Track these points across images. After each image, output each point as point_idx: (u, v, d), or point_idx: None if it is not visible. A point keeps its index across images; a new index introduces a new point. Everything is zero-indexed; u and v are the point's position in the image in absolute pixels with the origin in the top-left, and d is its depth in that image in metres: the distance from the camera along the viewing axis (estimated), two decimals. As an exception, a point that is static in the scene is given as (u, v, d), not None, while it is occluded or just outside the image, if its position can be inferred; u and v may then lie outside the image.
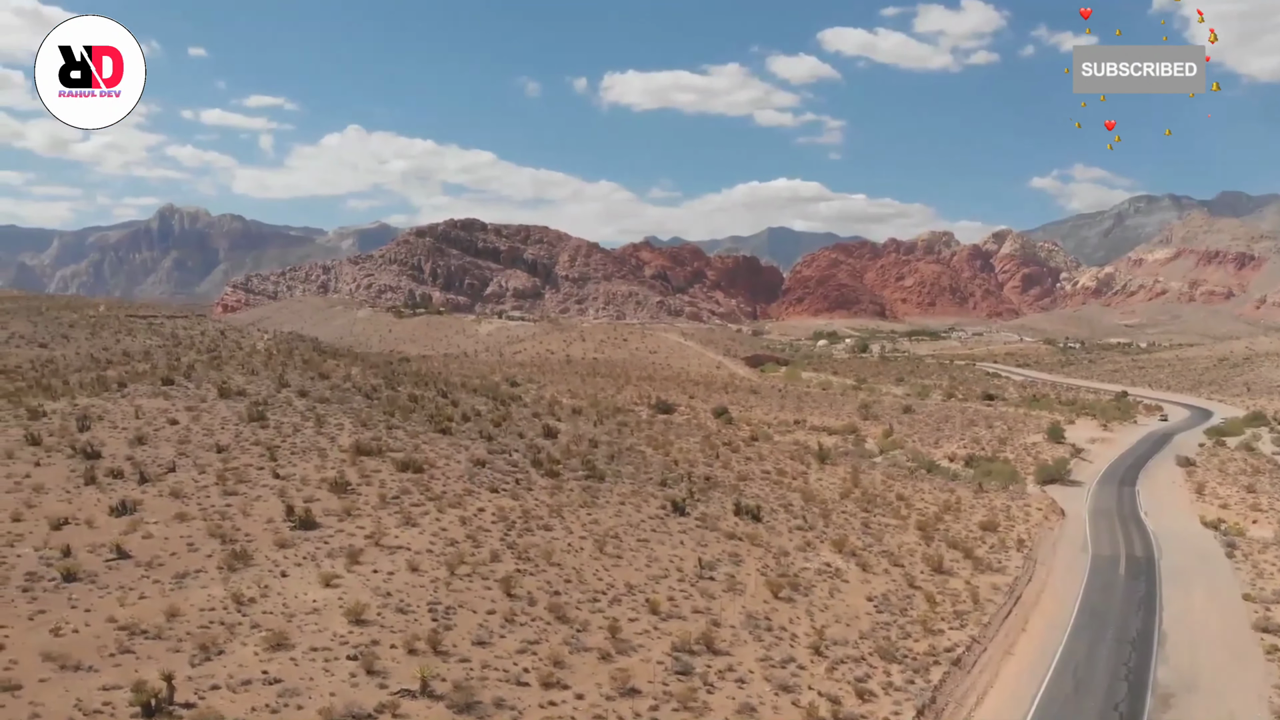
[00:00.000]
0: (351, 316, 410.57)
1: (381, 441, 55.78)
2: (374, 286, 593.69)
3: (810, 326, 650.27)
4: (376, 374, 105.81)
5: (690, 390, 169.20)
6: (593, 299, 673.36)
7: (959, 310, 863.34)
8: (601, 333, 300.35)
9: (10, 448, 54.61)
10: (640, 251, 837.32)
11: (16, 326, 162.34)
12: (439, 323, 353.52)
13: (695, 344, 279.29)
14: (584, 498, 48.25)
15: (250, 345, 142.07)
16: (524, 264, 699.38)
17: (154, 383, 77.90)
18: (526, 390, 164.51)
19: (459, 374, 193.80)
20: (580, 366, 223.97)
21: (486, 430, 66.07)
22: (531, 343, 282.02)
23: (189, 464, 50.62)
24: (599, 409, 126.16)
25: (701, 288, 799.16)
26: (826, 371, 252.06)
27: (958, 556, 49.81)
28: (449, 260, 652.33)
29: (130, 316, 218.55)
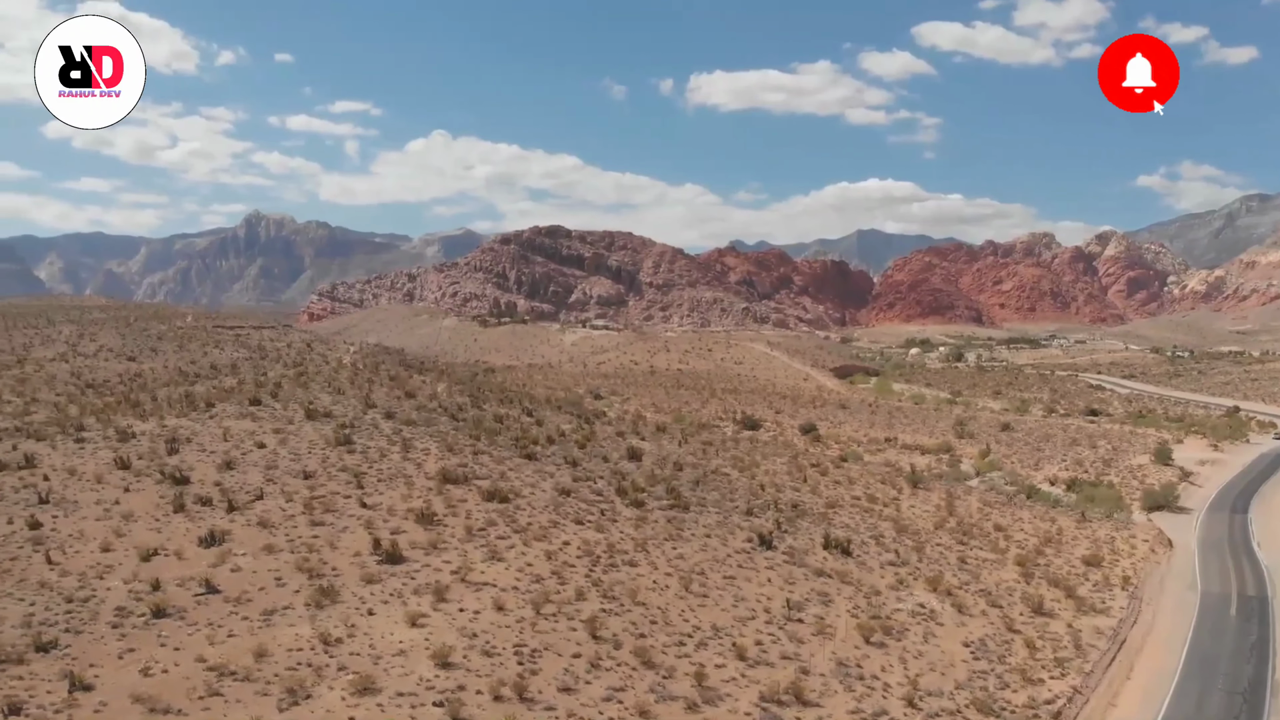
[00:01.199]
0: (437, 326, 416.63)
1: (468, 468, 56.48)
2: (459, 294, 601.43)
3: (902, 333, 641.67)
4: (462, 390, 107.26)
5: (776, 404, 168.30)
6: (677, 306, 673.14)
7: (1060, 315, 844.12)
8: (686, 343, 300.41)
9: (100, 471, 56.51)
10: (725, 257, 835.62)
11: (106, 339, 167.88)
12: (524, 332, 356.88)
13: (782, 355, 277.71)
14: (669, 530, 48.26)
15: (336, 360, 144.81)
16: (608, 271, 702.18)
17: (241, 402, 79.82)
18: (610, 404, 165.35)
19: (544, 386, 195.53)
20: (664, 378, 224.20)
21: (571, 454, 66.48)
22: (616, 353, 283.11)
23: (276, 491, 51.84)
24: (683, 425, 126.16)
25: (788, 293, 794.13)
26: (919, 383, 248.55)
27: (1059, 596, 48.71)
28: (533, 268, 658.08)
29: (217, 327, 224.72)
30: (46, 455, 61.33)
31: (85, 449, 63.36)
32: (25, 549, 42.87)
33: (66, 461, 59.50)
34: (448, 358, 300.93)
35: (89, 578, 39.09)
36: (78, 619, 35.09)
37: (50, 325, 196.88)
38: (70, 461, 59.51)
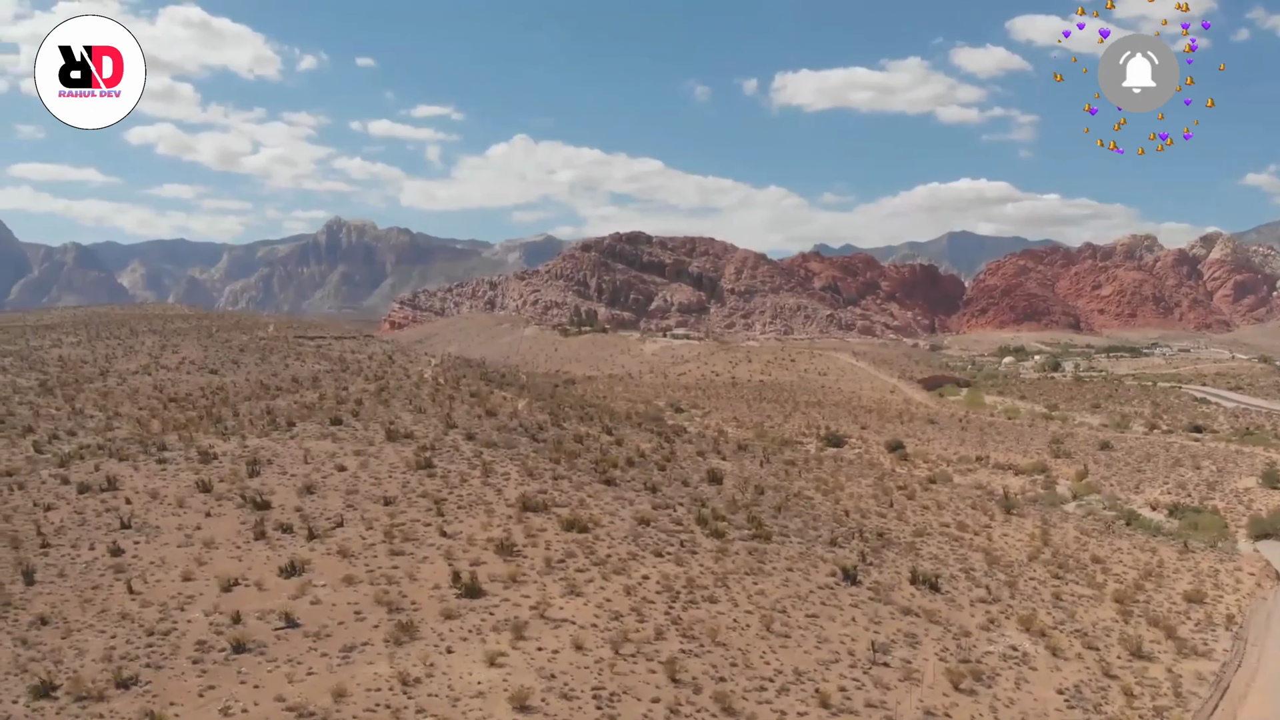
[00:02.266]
0: (518, 335, 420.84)
1: (547, 495, 56.88)
2: (540, 303, 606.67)
3: (995, 340, 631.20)
4: (543, 407, 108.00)
5: (862, 419, 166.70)
6: (759, 313, 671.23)
7: (1163, 322, 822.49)
8: (768, 353, 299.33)
9: (182, 495, 57.99)
10: (809, 262, 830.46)
11: (188, 350, 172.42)
12: (604, 341, 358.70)
13: (867, 365, 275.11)
14: (750, 563, 48.05)
15: (418, 374, 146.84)
16: (689, 277, 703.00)
17: (322, 421, 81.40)
18: (691, 417, 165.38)
19: (624, 398, 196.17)
20: (746, 390, 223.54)
21: (651, 479, 66.57)
22: (696, 364, 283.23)
23: (356, 518, 52.71)
24: (765, 442, 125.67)
25: (875, 299, 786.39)
26: (1013, 395, 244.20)
27: (1159, 636, 47.43)
28: (614, 275, 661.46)
29: (299, 338, 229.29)
30: (129, 477, 63.07)
31: (167, 470, 65.08)
32: (107, 577, 44.17)
33: (149, 484, 61.17)
34: (529, 368, 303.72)
35: (170, 609, 40.14)
36: (159, 653, 36.04)
37: (133, 336, 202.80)
38: (152, 484, 61.18)
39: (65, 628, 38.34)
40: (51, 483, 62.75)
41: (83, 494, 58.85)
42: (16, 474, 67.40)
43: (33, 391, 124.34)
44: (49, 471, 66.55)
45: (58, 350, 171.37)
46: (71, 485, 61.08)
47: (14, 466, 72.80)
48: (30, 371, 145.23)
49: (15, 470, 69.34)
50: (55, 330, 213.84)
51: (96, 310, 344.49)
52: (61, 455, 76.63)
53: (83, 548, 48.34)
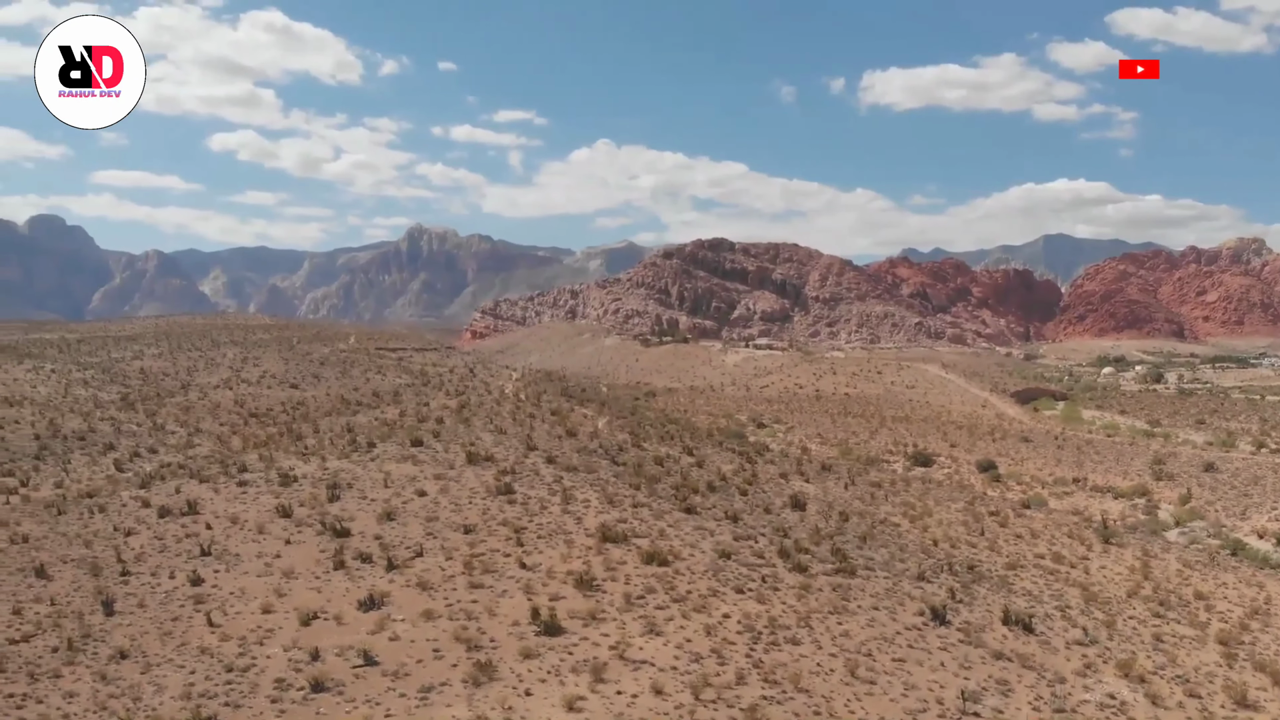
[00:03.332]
0: (599, 345, 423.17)
1: (627, 524, 56.95)
2: (621, 312, 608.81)
3: (1093, 349, 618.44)
4: (623, 426, 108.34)
5: (951, 436, 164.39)
6: (844, 321, 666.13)
7: (1272, 330, 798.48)
8: (854, 365, 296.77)
9: (262, 520, 59.14)
10: (897, 268, 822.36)
11: (269, 364, 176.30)
12: (685, 352, 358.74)
13: (958, 378, 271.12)
14: (834, 600, 47.60)
15: (499, 389, 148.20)
16: (772, 285, 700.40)
17: (403, 442, 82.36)
18: (774, 432, 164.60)
19: (705, 412, 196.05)
20: (830, 404, 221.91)
21: (732, 505, 66.35)
22: (779, 375, 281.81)
23: (436, 547, 53.28)
24: (850, 461, 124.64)
25: (965, 306, 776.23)
26: (1112, 409, 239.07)
27: (1265, 683, 45.94)
28: (696, 283, 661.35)
29: (380, 349, 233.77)
30: (209, 500, 64.57)
31: (247, 493, 66.49)
32: (187, 608, 45.20)
33: (229, 508, 62.54)
34: (609, 379, 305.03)
35: (249, 643, 40.94)
36: (237, 691, 36.74)
37: (214, 347, 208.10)
38: (233, 508, 62.54)
39: (145, 662, 39.31)
40: (132, 505, 64.43)
41: (163, 518, 60.39)
42: (98, 495, 69.43)
43: (114, 406, 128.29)
44: (130, 493, 68.35)
45: (139, 362, 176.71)
46: (152, 509, 62.66)
47: (95, 487, 75.08)
48: (112, 385, 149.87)
49: (96, 491, 71.44)
50: (137, 341, 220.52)
51: (178, 320, 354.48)
52: (143, 475, 78.78)
53: (163, 576, 49.56)
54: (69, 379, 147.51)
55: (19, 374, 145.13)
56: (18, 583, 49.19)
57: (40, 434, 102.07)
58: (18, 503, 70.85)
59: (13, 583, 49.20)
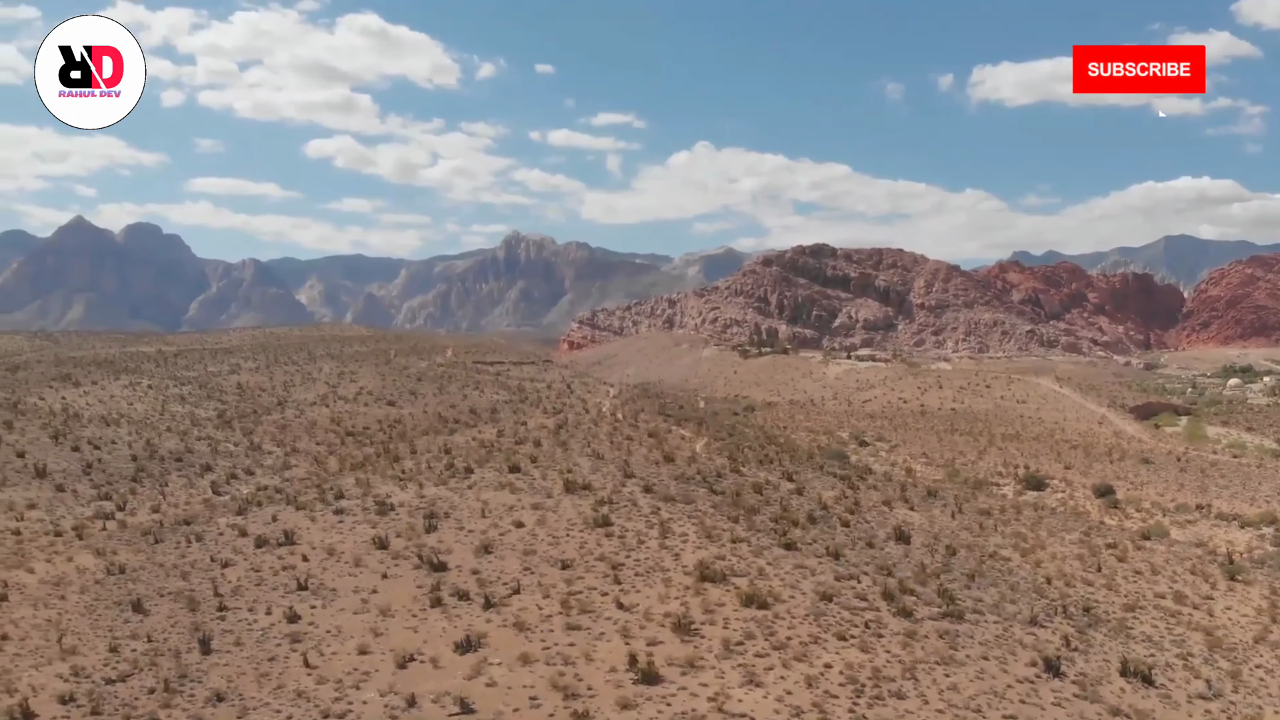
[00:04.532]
0: (697, 356, 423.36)
1: (726, 561, 56.87)
2: (719, 321, 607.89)
3: (1218, 358, 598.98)
4: (721, 448, 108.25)
5: (1066, 456, 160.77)
6: (951, 329, 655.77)
7: None
8: (961, 378, 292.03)
9: (359, 553, 60.29)
10: (1008, 273, 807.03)
11: (365, 380, 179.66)
12: (785, 364, 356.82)
13: (1072, 392, 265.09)
14: (941, 649, 46.86)
15: (596, 407, 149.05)
16: (875, 292, 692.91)
17: (500, 468, 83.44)
18: (876, 451, 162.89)
19: (805, 428, 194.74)
20: (936, 419, 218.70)
21: (834, 540, 65.85)
22: (882, 389, 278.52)
23: (533, 583, 53.73)
24: (957, 485, 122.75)
25: (1081, 312, 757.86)
26: (1238, 425, 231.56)
27: None
28: (796, 291, 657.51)
29: (477, 363, 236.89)
30: (306, 530, 66.05)
31: (344, 522, 67.92)
32: (283, 647, 46.24)
33: (325, 538, 63.91)
34: (707, 392, 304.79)
35: (345, 687, 41.70)
36: (334, 738, 37.57)
37: (311, 361, 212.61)
38: (329, 538, 63.89)
39: (241, 705, 40.24)
40: (229, 534, 66.19)
41: (260, 548, 61.97)
42: (195, 522, 71.45)
43: (211, 424, 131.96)
44: (227, 520, 70.22)
45: (236, 377, 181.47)
46: (249, 538, 64.35)
47: (192, 513, 77.29)
48: (209, 401, 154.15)
49: (194, 518, 73.53)
50: (234, 355, 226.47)
51: (274, 332, 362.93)
52: (240, 500, 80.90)
53: (259, 611, 50.78)
54: (166, 395, 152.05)
55: (116, 390, 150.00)
56: (114, 617, 50.85)
57: (137, 455, 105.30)
58: (114, 529, 73.32)
59: (110, 617, 50.87)
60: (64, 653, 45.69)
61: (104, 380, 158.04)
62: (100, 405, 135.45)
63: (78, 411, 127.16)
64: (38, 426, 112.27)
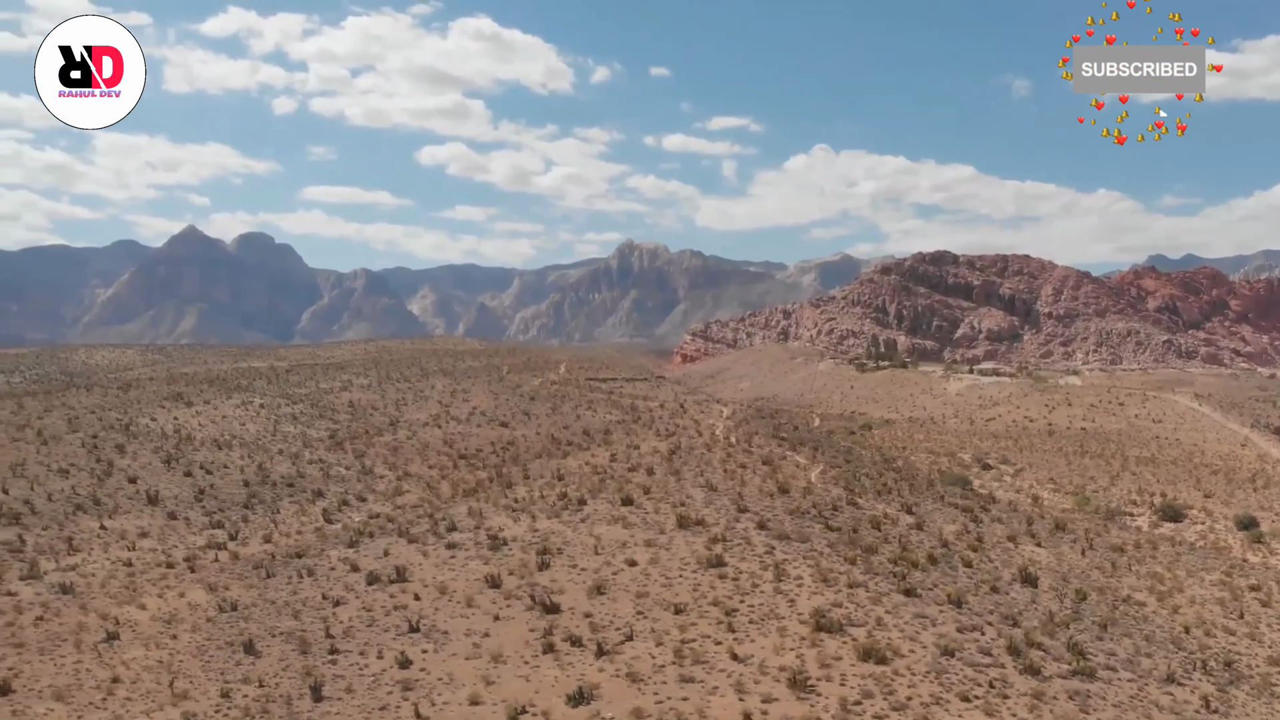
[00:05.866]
0: (812, 369, 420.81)
1: (843, 608, 56.31)
2: (835, 332, 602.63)
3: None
4: (838, 476, 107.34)
5: (1206, 483, 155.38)
6: (1080, 340, 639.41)
7: None
8: (1092, 394, 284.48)
9: (471, 592, 61.04)
10: (1142, 279, 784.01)
11: (477, 398, 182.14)
12: (903, 379, 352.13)
13: (1212, 411, 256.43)
14: (1071, 712, 45.67)
15: (709, 429, 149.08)
16: (999, 300, 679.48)
17: (613, 500, 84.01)
18: (1000, 475, 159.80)
19: (925, 447, 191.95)
20: (1065, 440, 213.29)
21: (956, 585, 64.73)
22: (1007, 406, 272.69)
23: (646, 629, 53.84)
24: (1088, 514, 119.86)
25: (1222, 321, 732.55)
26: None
27: None
28: (915, 300, 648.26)
29: (590, 380, 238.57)
30: (418, 566, 67.23)
31: (456, 558, 69.00)
32: (394, 695, 47.01)
33: (437, 575, 64.96)
34: (823, 407, 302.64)
35: (490, 739, 42.24)
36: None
37: (423, 377, 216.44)
38: (441, 575, 64.93)
39: (360, 758, 41.15)
40: (341, 569, 67.69)
41: (372, 585, 63.24)
42: (307, 554, 73.16)
43: (323, 445, 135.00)
44: (338, 553, 71.82)
45: (348, 394, 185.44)
46: (361, 573, 65.72)
47: (304, 544, 79.03)
48: (321, 420, 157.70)
49: (305, 550, 75.22)
50: (345, 370, 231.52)
51: (386, 345, 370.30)
52: (352, 530, 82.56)
53: (370, 655, 51.72)
54: (278, 415, 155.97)
55: (228, 410, 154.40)
56: (226, 658, 52.25)
57: (249, 480, 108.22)
58: (226, 560, 75.21)
59: (221, 659, 52.29)
60: (175, 697, 47.09)
61: (216, 399, 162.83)
62: (213, 426, 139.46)
63: (190, 433, 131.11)
64: (150, 450, 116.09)
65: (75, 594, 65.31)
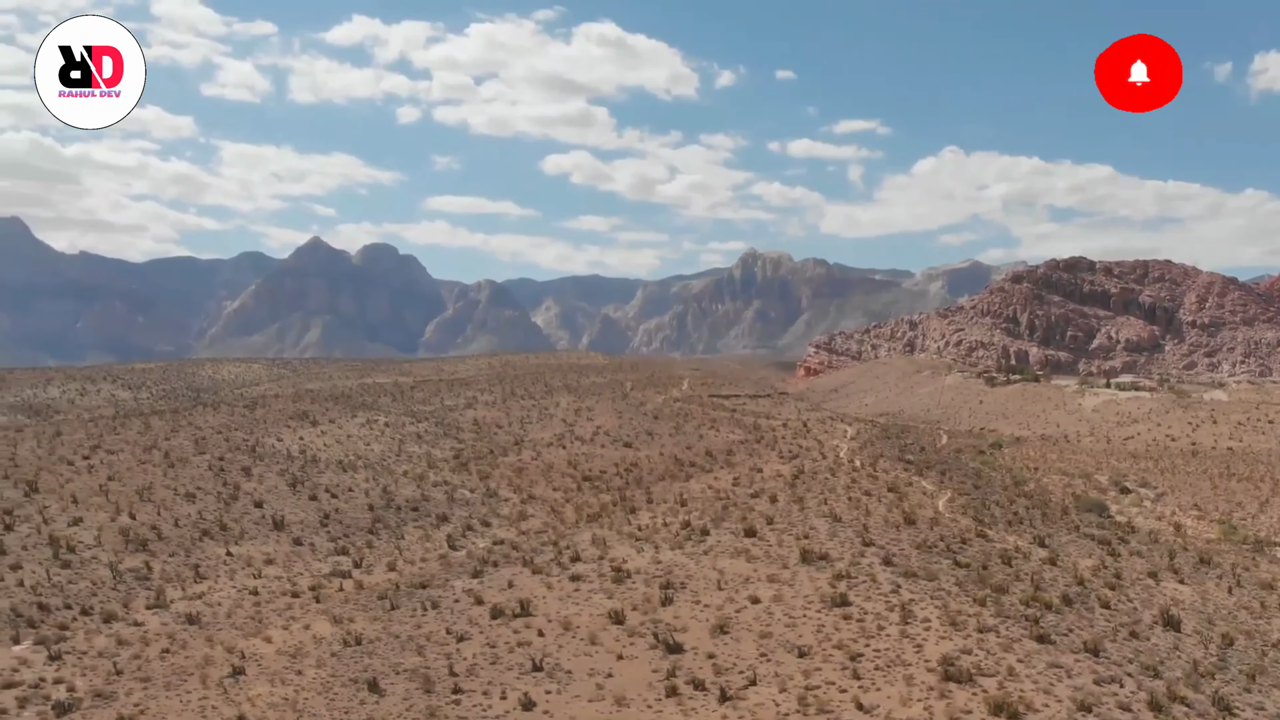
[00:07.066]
0: (939, 384, 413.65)
1: (972, 655, 55.12)
2: (963, 344, 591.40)
3: None
4: (966, 504, 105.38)
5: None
6: (1227, 350, 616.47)
7: None
8: (1239, 410, 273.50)
9: (594, 628, 61.23)
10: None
11: (602, 417, 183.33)
12: (1035, 393, 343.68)
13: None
14: (1217, 775, 44.09)
15: (833, 450, 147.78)
16: (1138, 309, 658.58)
17: (736, 530, 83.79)
18: (1139, 500, 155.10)
19: (1058, 468, 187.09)
20: (1210, 461, 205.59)
21: (1093, 629, 62.92)
22: (1147, 424, 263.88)
23: (770, 673, 53.38)
24: (1235, 545, 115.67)
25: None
26: None
27: None
28: (1049, 309, 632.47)
29: (713, 397, 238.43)
30: (542, 599, 67.77)
31: (580, 590, 69.42)
32: (517, 742, 47.51)
33: (561, 609, 65.37)
34: (950, 424, 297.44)
35: (582, 793, 42.51)
36: None
37: (548, 394, 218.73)
38: (565, 609, 65.33)
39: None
40: (465, 601, 68.54)
41: (496, 619, 63.91)
42: (431, 584, 74.22)
43: (448, 466, 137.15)
44: (462, 584, 72.74)
45: (472, 412, 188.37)
46: (485, 606, 66.46)
47: (428, 573, 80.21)
48: (445, 439, 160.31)
49: (430, 579, 76.32)
50: (470, 386, 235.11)
51: (510, 359, 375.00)
52: (476, 558, 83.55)
53: (494, 695, 52.02)
54: (402, 434, 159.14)
55: (353, 429, 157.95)
56: (350, 696, 53.09)
57: (374, 504, 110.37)
58: (351, 590, 76.75)
59: (346, 696, 53.15)
60: (300, 738, 48.19)
61: (341, 418, 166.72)
62: (338, 447, 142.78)
63: (315, 454, 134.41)
64: (276, 473, 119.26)
65: (201, 624, 67.43)
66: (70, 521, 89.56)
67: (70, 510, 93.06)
